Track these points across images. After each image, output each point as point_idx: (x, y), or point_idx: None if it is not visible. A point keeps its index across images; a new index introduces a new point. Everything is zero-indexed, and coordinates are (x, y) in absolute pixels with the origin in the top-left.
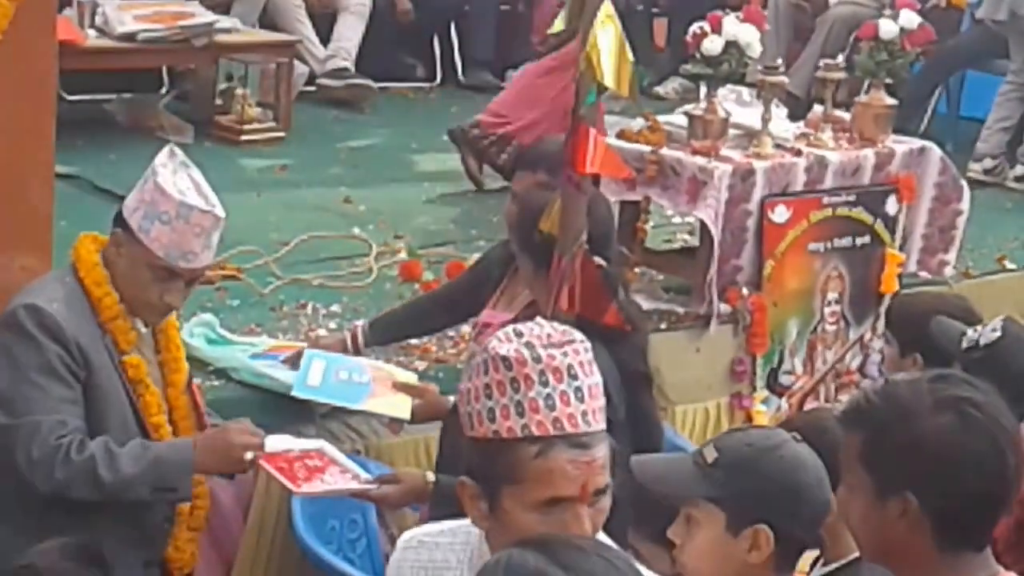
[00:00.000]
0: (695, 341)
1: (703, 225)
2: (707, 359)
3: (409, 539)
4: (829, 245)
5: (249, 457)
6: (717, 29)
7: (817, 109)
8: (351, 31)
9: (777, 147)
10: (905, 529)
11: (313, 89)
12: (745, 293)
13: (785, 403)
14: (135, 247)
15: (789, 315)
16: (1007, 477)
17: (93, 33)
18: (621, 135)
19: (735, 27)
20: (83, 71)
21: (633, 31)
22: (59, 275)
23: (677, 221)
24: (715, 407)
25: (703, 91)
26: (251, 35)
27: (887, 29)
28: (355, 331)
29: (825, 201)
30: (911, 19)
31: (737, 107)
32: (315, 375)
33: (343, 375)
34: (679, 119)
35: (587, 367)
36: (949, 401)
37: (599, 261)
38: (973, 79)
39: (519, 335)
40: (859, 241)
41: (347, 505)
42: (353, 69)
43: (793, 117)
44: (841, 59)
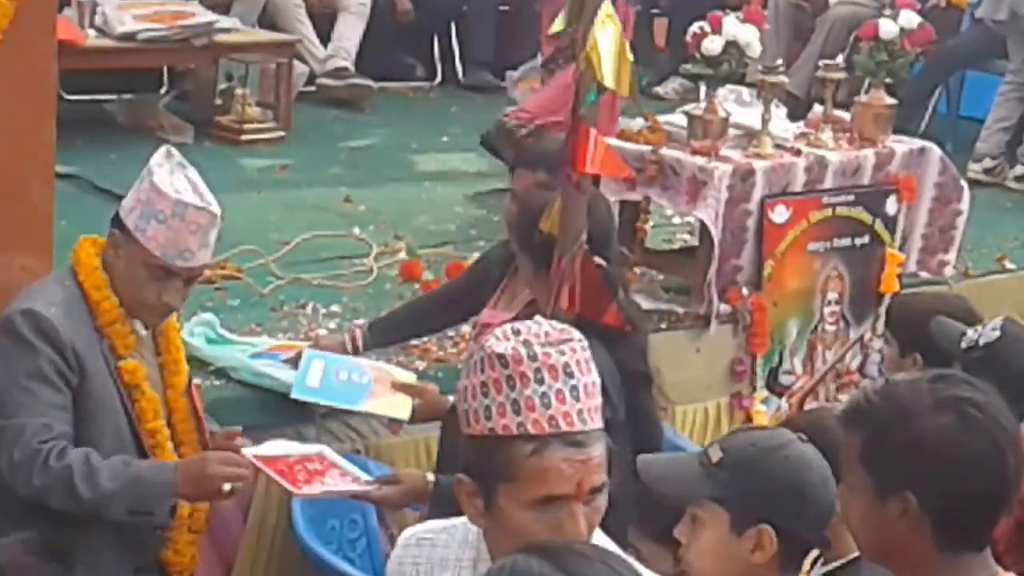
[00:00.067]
0: (695, 341)
1: (703, 225)
2: (707, 359)
3: (409, 537)
4: (829, 245)
5: (227, 489)
6: (717, 29)
7: (817, 109)
8: (351, 31)
9: (777, 147)
10: (905, 529)
11: (313, 89)
12: (745, 293)
13: (785, 403)
14: (132, 247)
15: (789, 315)
16: (1007, 477)
17: (93, 33)
18: (621, 135)
19: (735, 27)
20: (83, 71)
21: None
22: (59, 277)
23: (677, 221)
24: (715, 407)
25: (703, 91)
26: (251, 35)
27: (887, 29)
28: (354, 333)
29: (825, 201)
30: (911, 19)
31: (737, 107)
32: (314, 376)
33: (343, 375)
34: (679, 119)
35: (584, 365)
36: (949, 401)
37: (599, 261)
38: (973, 79)
39: (516, 333)
40: (859, 241)
41: (347, 505)
42: (353, 69)
43: (793, 117)
44: (841, 59)
